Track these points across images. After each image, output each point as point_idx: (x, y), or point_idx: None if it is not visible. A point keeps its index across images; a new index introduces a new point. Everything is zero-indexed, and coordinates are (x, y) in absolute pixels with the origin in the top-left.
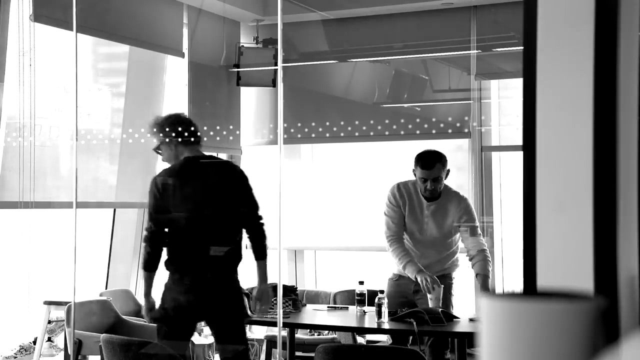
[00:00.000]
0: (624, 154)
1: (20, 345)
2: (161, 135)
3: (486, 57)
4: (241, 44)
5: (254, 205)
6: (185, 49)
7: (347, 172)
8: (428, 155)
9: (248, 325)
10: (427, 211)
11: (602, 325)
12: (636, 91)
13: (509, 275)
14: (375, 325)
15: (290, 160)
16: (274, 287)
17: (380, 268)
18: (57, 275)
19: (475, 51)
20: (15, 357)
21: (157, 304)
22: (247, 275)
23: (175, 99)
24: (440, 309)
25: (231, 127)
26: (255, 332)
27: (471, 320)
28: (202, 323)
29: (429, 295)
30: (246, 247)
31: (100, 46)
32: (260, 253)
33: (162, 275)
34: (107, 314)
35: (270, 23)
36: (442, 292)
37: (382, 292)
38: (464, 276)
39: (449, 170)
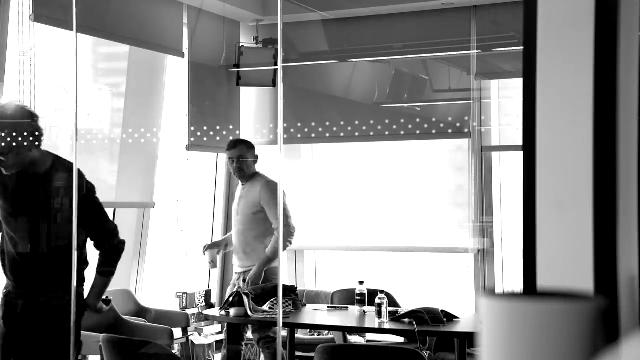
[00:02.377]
0: (624, 154)
1: None
2: None
3: (486, 57)
4: (241, 44)
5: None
6: (185, 49)
7: (347, 172)
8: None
9: (248, 325)
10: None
11: (602, 325)
12: (636, 91)
13: (509, 275)
14: (375, 325)
15: (290, 160)
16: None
17: (380, 268)
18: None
19: (475, 51)
20: None
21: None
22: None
23: (175, 99)
24: (440, 309)
25: (231, 127)
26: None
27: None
28: (202, 323)
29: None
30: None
31: (100, 46)
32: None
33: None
34: (107, 314)
35: (270, 23)
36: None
37: (382, 291)
38: (463, 276)
39: (257, 156)
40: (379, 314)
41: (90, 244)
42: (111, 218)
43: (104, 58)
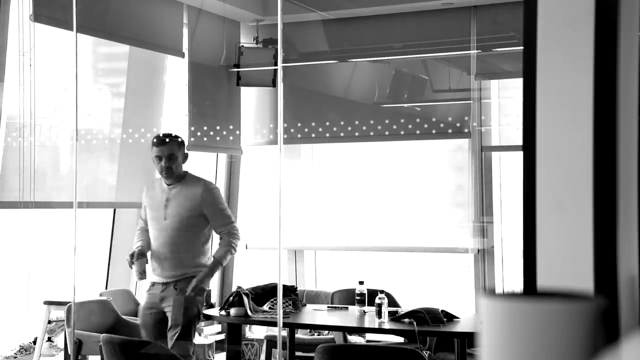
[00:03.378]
0: (624, 154)
1: (20, 345)
2: None
3: (486, 57)
4: (241, 44)
5: None
6: (185, 49)
7: (347, 172)
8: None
9: (248, 325)
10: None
11: (602, 325)
12: (636, 91)
13: (509, 275)
14: (375, 325)
15: (290, 160)
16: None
17: (380, 268)
18: (57, 275)
19: (475, 51)
20: (15, 357)
21: None
22: (247, 274)
23: (175, 99)
24: (440, 309)
25: (231, 127)
26: (255, 332)
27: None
28: (202, 323)
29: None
30: (246, 248)
31: (100, 46)
32: None
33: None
34: (107, 314)
35: (270, 23)
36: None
37: (382, 291)
38: (463, 276)
39: (187, 154)
40: (379, 314)
41: None
42: (111, 218)
43: (104, 58)
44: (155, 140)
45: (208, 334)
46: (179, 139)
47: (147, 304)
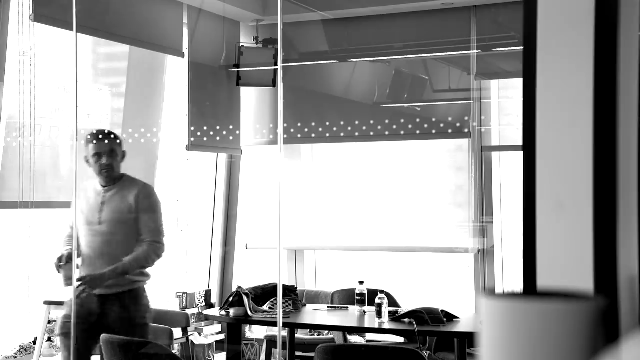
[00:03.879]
0: (624, 154)
1: (20, 345)
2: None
3: (486, 57)
4: (241, 44)
5: None
6: (185, 49)
7: (347, 172)
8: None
9: (248, 325)
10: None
11: (602, 325)
12: (636, 91)
13: (509, 275)
14: (375, 325)
15: (290, 160)
16: None
17: (380, 268)
18: (57, 275)
19: (475, 51)
20: (15, 357)
21: None
22: (247, 274)
23: (175, 99)
24: (440, 309)
25: (231, 127)
26: (255, 332)
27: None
28: (202, 323)
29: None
30: (246, 248)
31: (100, 46)
32: None
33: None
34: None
35: (270, 23)
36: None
37: (382, 291)
38: (463, 276)
39: (125, 152)
40: (379, 314)
41: None
42: None
43: (104, 58)
44: (90, 137)
45: (208, 334)
46: (117, 136)
47: (77, 314)
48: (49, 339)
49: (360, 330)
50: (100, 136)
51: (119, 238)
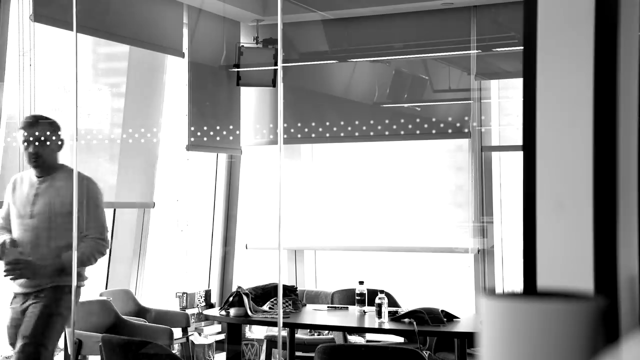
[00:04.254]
0: (624, 154)
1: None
2: None
3: (486, 57)
4: (241, 44)
5: None
6: (185, 49)
7: (347, 172)
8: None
9: (248, 325)
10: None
11: (602, 325)
12: (636, 91)
13: (509, 275)
14: (375, 325)
15: (290, 160)
16: None
17: (380, 268)
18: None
19: (475, 51)
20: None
21: None
22: (247, 274)
23: (175, 99)
24: (440, 309)
25: (231, 127)
26: (255, 332)
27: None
28: (202, 323)
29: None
30: (246, 248)
31: (100, 46)
32: None
33: None
34: (107, 314)
35: (270, 23)
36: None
37: (382, 291)
38: (463, 276)
39: (63, 140)
40: (379, 314)
41: None
42: (111, 218)
43: (104, 58)
44: (23, 122)
45: (208, 334)
46: (53, 121)
47: (10, 320)
48: None
49: (360, 330)
50: (32, 121)
51: (53, 233)
